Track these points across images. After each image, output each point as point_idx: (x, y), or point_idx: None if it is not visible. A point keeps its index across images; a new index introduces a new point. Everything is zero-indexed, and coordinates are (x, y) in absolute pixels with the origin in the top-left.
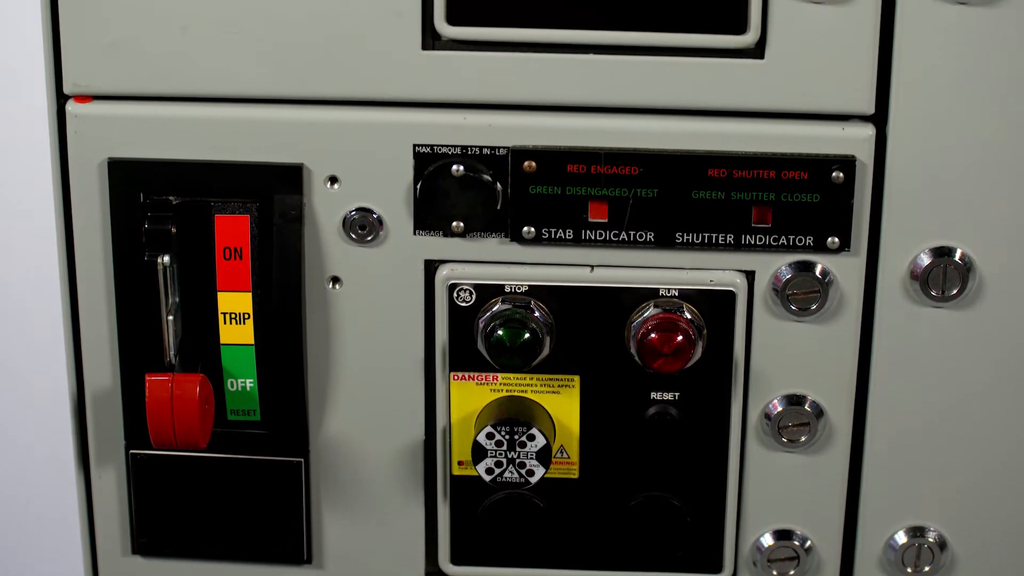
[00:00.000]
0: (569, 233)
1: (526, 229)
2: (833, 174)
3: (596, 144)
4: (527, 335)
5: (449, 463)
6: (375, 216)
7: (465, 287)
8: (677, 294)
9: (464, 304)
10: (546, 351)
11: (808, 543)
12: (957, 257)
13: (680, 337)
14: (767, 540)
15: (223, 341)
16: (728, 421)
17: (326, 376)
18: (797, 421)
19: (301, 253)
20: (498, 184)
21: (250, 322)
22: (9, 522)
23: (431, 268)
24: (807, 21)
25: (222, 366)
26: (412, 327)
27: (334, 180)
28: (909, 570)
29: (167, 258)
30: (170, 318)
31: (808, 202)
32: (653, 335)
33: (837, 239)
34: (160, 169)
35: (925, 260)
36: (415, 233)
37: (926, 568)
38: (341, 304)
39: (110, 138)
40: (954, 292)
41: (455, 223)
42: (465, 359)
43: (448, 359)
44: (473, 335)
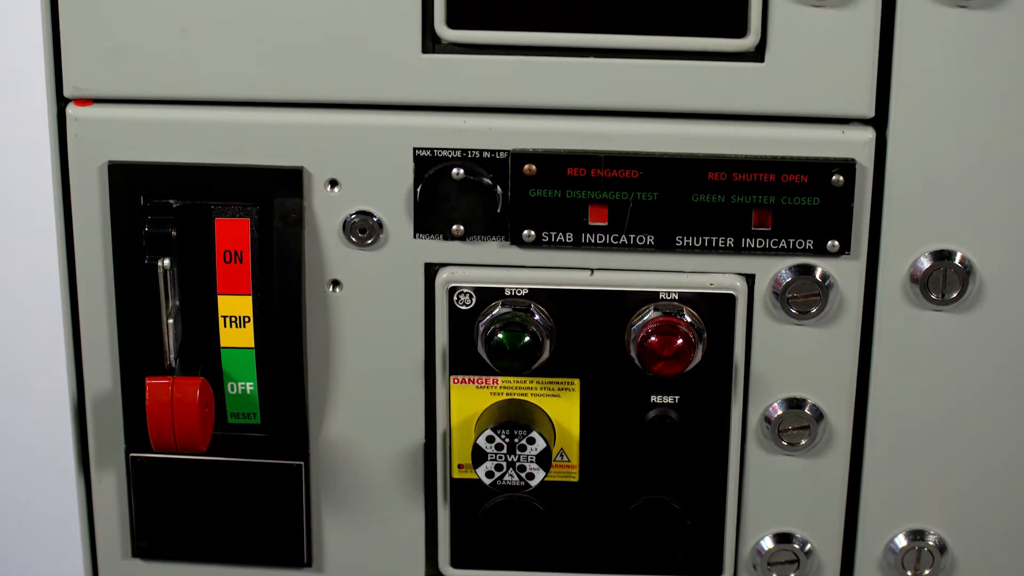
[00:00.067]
0: (569, 236)
1: (526, 232)
2: (833, 177)
3: (596, 147)
4: (527, 338)
5: (449, 466)
6: (375, 219)
7: (465, 290)
8: (677, 297)
9: (464, 307)
10: (546, 354)
11: (808, 546)
12: (957, 260)
13: (680, 340)
14: (767, 543)
15: (223, 344)
16: (728, 424)
17: (326, 379)
18: (797, 424)
19: (301, 256)
20: (498, 187)
21: (250, 325)
22: (10, 525)
23: (431, 271)
24: (807, 24)
25: (222, 369)
26: (412, 330)
27: (334, 183)
28: (909, 573)
29: (167, 261)
30: (170, 321)
31: (808, 205)
32: (653, 338)
33: (837, 242)
34: (160, 172)
35: (925, 263)
36: (415, 236)
37: (926, 571)
38: (341, 307)
39: (110, 141)
40: (954, 296)
41: (455, 226)
42: (465, 362)
43: (448, 362)
44: (473, 338)
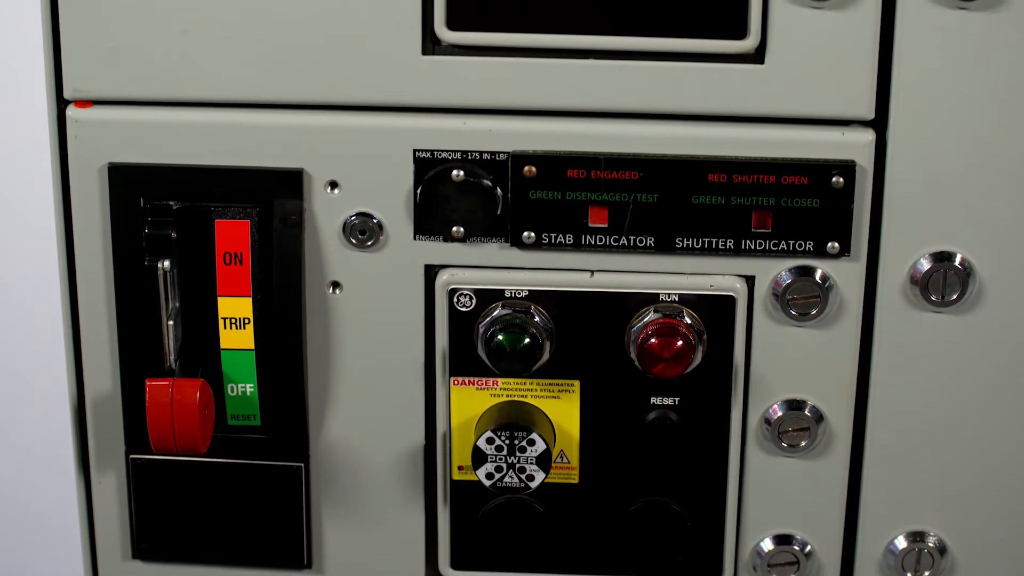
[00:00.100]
0: (569, 238)
1: (526, 234)
2: (833, 179)
3: (596, 149)
4: (527, 340)
5: (449, 468)
6: (375, 221)
7: (465, 292)
8: (677, 299)
9: (464, 309)
10: (546, 356)
11: (808, 548)
12: (957, 262)
13: (680, 342)
14: (767, 545)
15: (223, 346)
16: (728, 426)
17: (326, 381)
18: (797, 426)
19: (301, 258)
20: (498, 189)
21: (250, 327)
22: (10, 526)
23: (431, 273)
24: (807, 26)
25: (222, 371)
26: (412, 332)
27: (334, 185)
28: (909, 575)
29: (167, 263)
30: (170, 323)
31: (808, 207)
32: (653, 340)
33: (837, 244)
34: (160, 174)
35: (925, 265)
36: (415, 238)
37: (926, 573)
38: (341, 309)
39: (110, 143)
40: (954, 297)
41: (455, 228)
42: (465, 364)
43: (448, 364)
44: (473, 340)
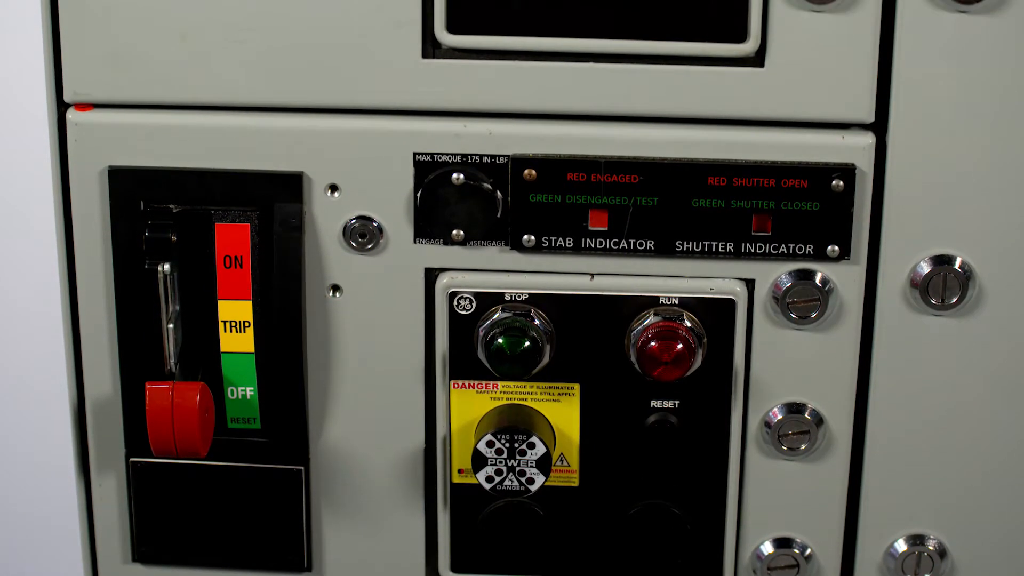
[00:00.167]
0: (569, 241)
1: (526, 237)
2: (833, 182)
3: (596, 152)
4: (527, 343)
5: (449, 471)
6: (375, 224)
7: (465, 295)
8: (677, 302)
9: (464, 312)
10: (546, 359)
11: (808, 551)
12: (957, 265)
13: (680, 345)
14: (767, 548)
15: (223, 349)
16: (728, 429)
17: (326, 384)
18: (797, 429)
19: (301, 261)
20: (498, 192)
21: (250, 330)
22: (10, 529)
23: (431, 276)
24: (807, 29)
25: (222, 374)
26: (412, 335)
27: (334, 188)
28: None
29: (167, 266)
30: (170, 326)
31: (808, 210)
32: (653, 343)
33: (837, 247)
34: (160, 177)
35: (925, 268)
36: (415, 241)
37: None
38: (341, 312)
39: (110, 146)
40: (954, 300)
41: (455, 231)
42: (465, 367)
43: (448, 367)
44: (473, 343)
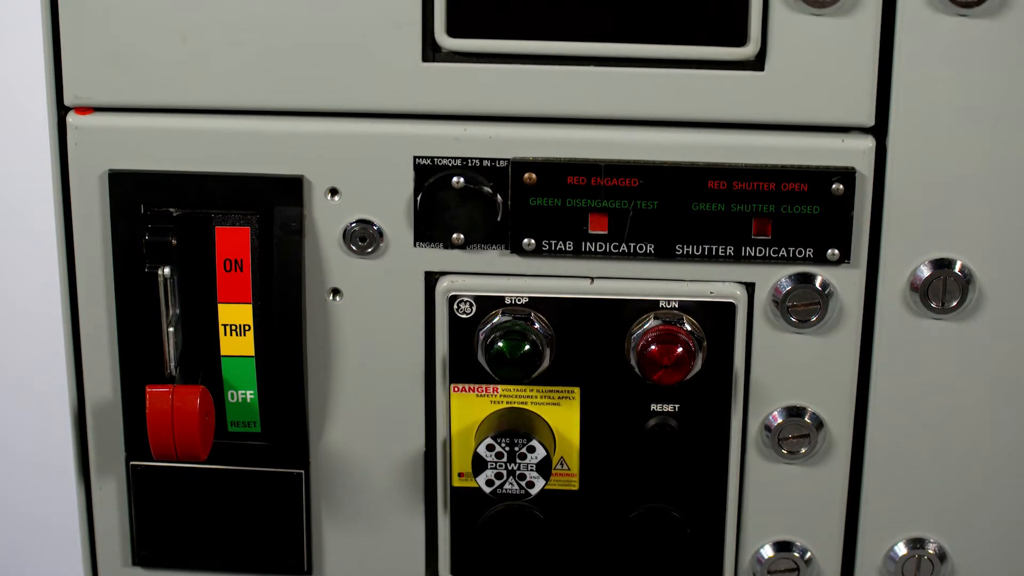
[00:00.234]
0: (569, 245)
1: (526, 241)
2: (833, 186)
3: (596, 156)
4: (527, 347)
5: (449, 475)
6: (375, 228)
7: (465, 299)
8: (677, 306)
9: (464, 316)
10: (546, 363)
11: (808, 555)
12: (957, 269)
13: (680, 349)
14: (767, 552)
15: (223, 353)
16: (728, 433)
17: (326, 388)
18: (797, 433)
19: (301, 265)
20: (498, 196)
21: (250, 334)
22: (11, 533)
23: (431, 280)
24: (807, 33)
25: (222, 378)
26: (412, 339)
27: (334, 192)
28: None
29: (167, 270)
30: (170, 330)
31: (808, 214)
32: (653, 347)
33: (837, 251)
34: (161, 181)
35: (925, 272)
36: (415, 245)
37: None
38: (341, 316)
39: (111, 150)
40: (954, 304)
41: (455, 235)
42: (465, 371)
43: (448, 371)
44: (473, 347)
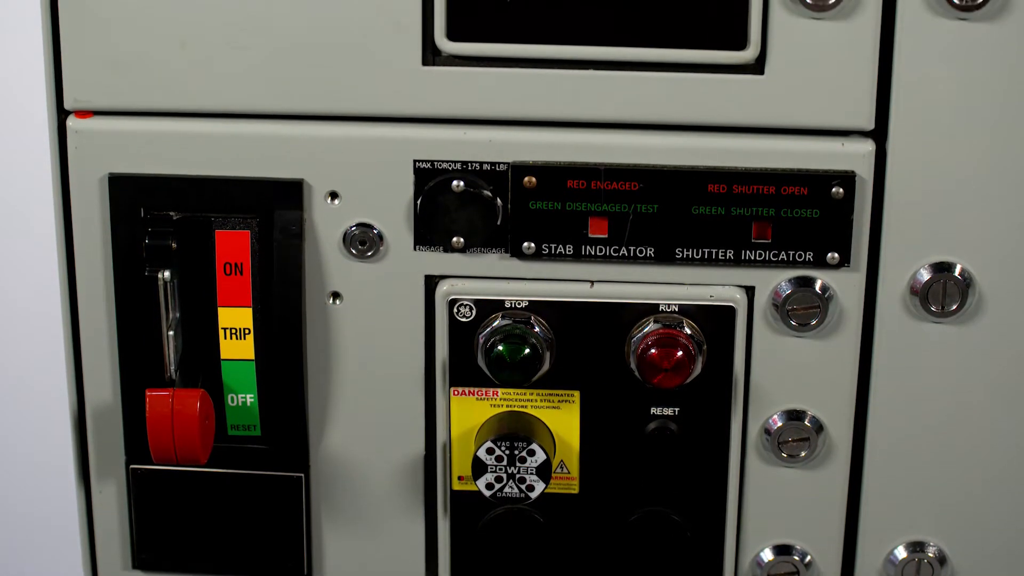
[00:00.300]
0: (569, 249)
1: (526, 244)
2: (833, 190)
3: (596, 160)
4: (527, 350)
5: (449, 478)
6: (375, 231)
7: (465, 302)
8: (677, 309)
9: (464, 319)
10: (546, 366)
11: (808, 558)
12: (957, 272)
13: (680, 352)
14: (767, 555)
15: (223, 356)
16: (728, 436)
17: (326, 391)
18: (797, 436)
19: (301, 268)
20: (498, 199)
21: (250, 337)
22: (11, 536)
23: (431, 283)
24: (807, 36)
25: (222, 381)
26: (412, 342)
27: (334, 195)
28: None
29: (167, 273)
30: (170, 333)
31: (808, 218)
32: (653, 350)
33: (837, 254)
34: (161, 184)
35: (925, 275)
36: (415, 248)
37: None
38: (341, 319)
39: (111, 153)
40: (954, 307)
41: (455, 238)
42: (465, 374)
43: (448, 374)
44: (473, 350)
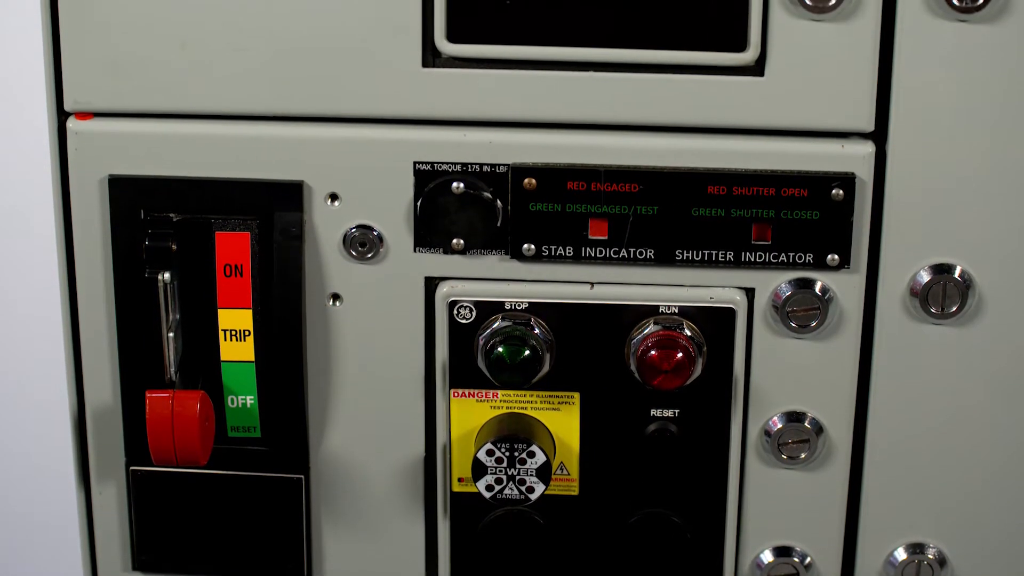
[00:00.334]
0: (569, 250)
1: (526, 246)
2: (833, 191)
3: (596, 161)
4: (527, 352)
5: (449, 480)
6: (375, 233)
7: (465, 304)
8: (677, 311)
9: (464, 321)
10: (546, 368)
11: (808, 559)
12: (956, 274)
13: (680, 354)
14: (767, 557)
15: (223, 358)
16: (728, 438)
17: (326, 393)
18: (797, 438)
19: (301, 270)
20: (498, 201)
21: (250, 339)
22: (10, 538)
23: (431, 285)
24: (807, 38)
25: (222, 383)
26: (412, 344)
27: (334, 197)
28: None
29: (168, 275)
30: (171, 335)
31: (808, 219)
32: (653, 352)
33: (837, 256)
34: (161, 186)
35: (924, 277)
36: (415, 250)
37: None
38: (341, 321)
39: (111, 155)
40: (953, 309)
41: (455, 240)
42: (465, 376)
43: (448, 376)
44: (473, 352)
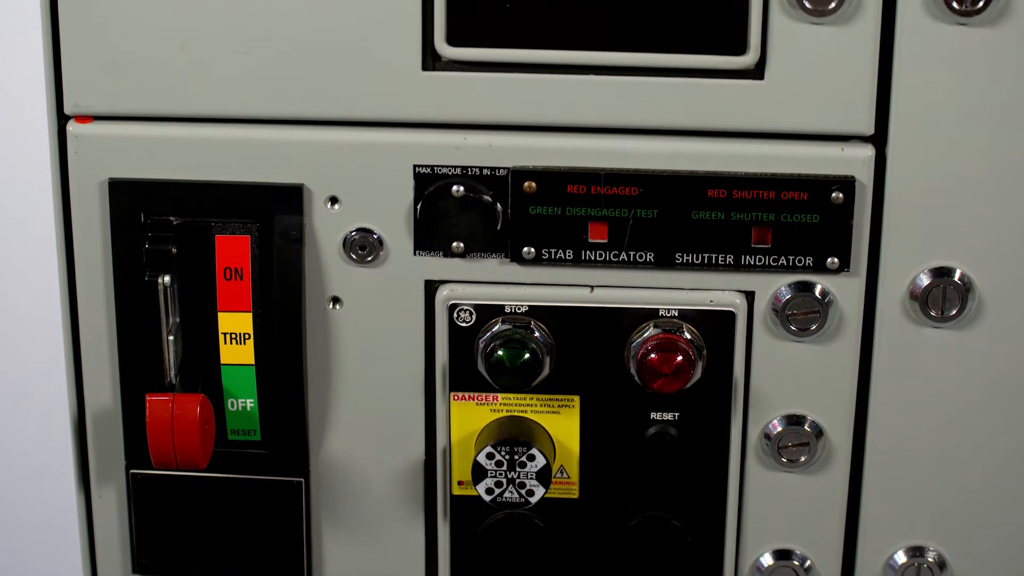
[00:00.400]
0: (569, 253)
1: (526, 249)
2: (833, 195)
3: (596, 165)
4: (527, 355)
5: (449, 483)
6: (375, 236)
7: (465, 307)
8: (677, 314)
9: (464, 324)
10: (546, 371)
11: (808, 563)
12: (956, 277)
13: (680, 357)
14: (767, 560)
15: (224, 361)
16: (728, 441)
17: (326, 396)
18: (797, 441)
19: (301, 273)
20: (498, 204)
21: (250, 342)
22: (10, 540)
23: (431, 288)
24: (807, 41)
25: (222, 386)
26: (412, 347)
27: (334, 200)
28: None
29: (168, 278)
30: (171, 338)
31: (808, 222)
32: (653, 355)
33: (837, 259)
34: (161, 189)
35: (924, 280)
36: (415, 253)
37: None
38: (341, 324)
39: (111, 158)
40: (953, 312)
41: (455, 243)
42: (465, 379)
43: (448, 379)
44: (473, 355)
